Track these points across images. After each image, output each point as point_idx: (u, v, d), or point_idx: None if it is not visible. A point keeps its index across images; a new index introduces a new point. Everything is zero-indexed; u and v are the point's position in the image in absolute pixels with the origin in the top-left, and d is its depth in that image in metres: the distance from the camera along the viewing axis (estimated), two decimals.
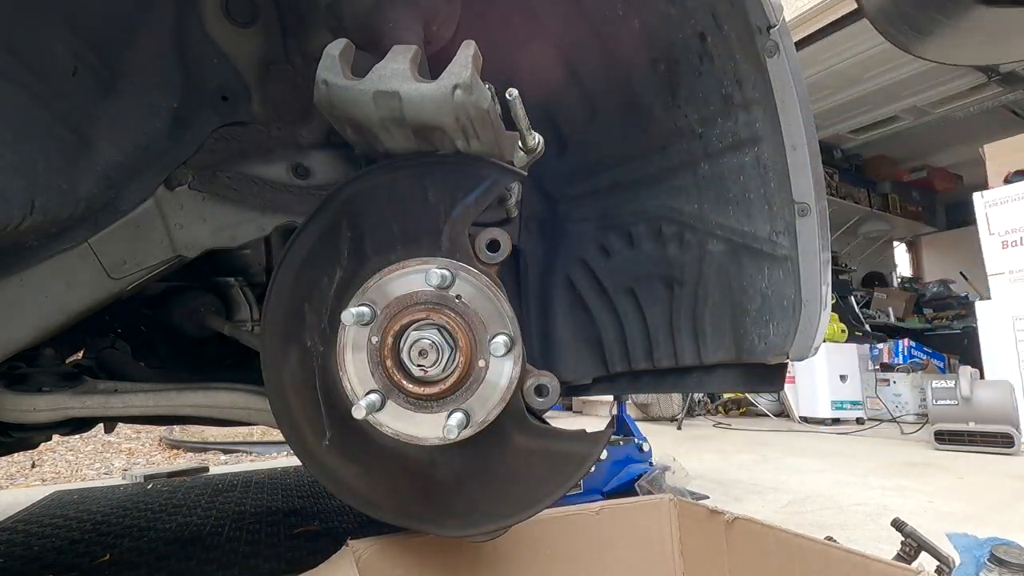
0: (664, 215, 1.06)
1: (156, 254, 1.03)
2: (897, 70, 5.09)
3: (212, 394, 1.14)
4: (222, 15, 0.90)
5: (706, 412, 5.52)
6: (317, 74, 0.78)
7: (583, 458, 0.84)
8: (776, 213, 0.93)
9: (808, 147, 0.89)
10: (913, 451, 3.28)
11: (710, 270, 1.00)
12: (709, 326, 1.01)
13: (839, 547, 0.91)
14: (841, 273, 6.95)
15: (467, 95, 0.75)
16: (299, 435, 0.88)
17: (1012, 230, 3.79)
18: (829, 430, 4.30)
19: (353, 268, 0.85)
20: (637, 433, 2.33)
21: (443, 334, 0.79)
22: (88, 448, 4.35)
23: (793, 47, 0.89)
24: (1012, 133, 4.39)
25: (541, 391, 0.84)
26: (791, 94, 0.87)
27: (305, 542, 1.66)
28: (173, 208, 1.03)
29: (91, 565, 1.52)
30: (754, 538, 1.02)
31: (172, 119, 0.92)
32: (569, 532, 1.12)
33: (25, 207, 0.71)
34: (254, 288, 1.61)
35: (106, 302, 1.03)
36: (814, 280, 0.91)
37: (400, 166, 0.85)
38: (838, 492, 2.30)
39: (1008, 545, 0.94)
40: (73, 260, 0.98)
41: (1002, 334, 3.67)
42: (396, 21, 0.89)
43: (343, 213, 0.86)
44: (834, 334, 4.91)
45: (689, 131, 0.99)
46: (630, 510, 1.17)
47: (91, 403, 1.13)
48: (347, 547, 0.95)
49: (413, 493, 0.87)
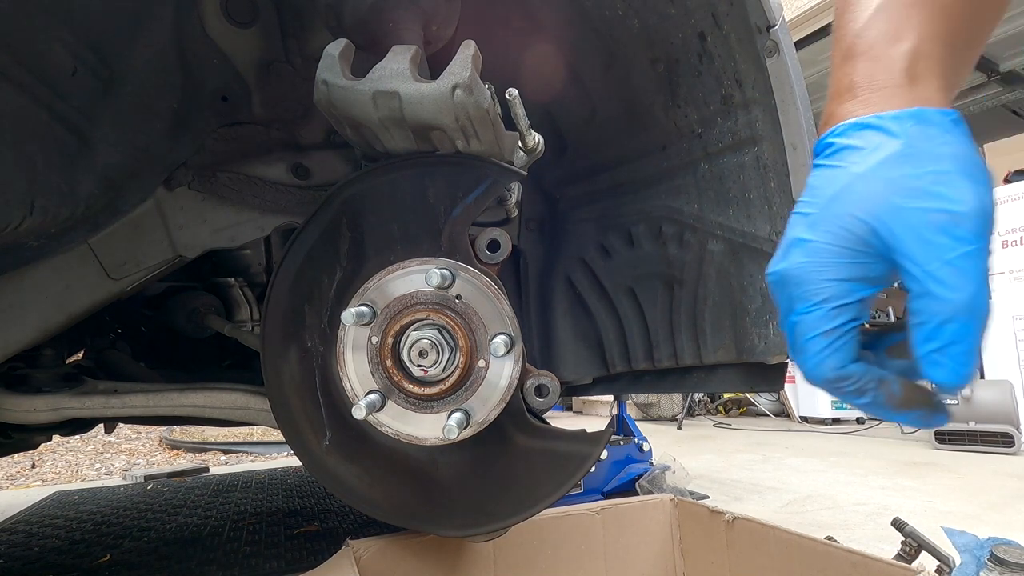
0: (664, 215, 1.06)
1: (156, 254, 1.03)
2: None
3: (212, 394, 1.13)
4: (222, 15, 0.90)
5: (706, 412, 5.51)
6: (317, 74, 0.77)
7: (583, 458, 0.84)
8: (776, 213, 0.93)
9: (808, 147, 0.89)
10: (913, 451, 3.28)
11: (710, 270, 1.00)
12: (709, 326, 1.01)
13: (839, 547, 0.90)
14: None
15: (467, 95, 0.75)
16: (299, 435, 0.88)
17: (1012, 230, 3.79)
18: (829, 430, 4.30)
19: (353, 268, 0.85)
20: (637, 433, 2.33)
21: (443, 334, 0.79)
22: (88, 448, 4.35)
23: (793, 47, 0.89)
24: (1012, 133, 4.39)
25: (541, 391, 0.84)
26: (791, 94, 0.87)
27: (305, 542, 1.66)
28: (173, 209, 1.03)
29: (91, 565, 1.52)
30: (754, 538, 1.02)
31: (172, 119, 0.92)
32: (569, 532, 1.12)
33: (25, 207, 0.71)
34: (254, 288, 1.61)
35: (106, 302, 1.03)
36: None
37: (400, 166, 0.85)
38: (838, 492, 2.30)
39: (1008, 545, 0.94)
40: (73, 261, 0.98)
41: (1002, 334, 3.68)
42: (396, 21, 0.89)
43: (343, 213, 0.86)
44: None
45: (689, 131, 0.99)
46: (630, 510, 1.17)
47: (91, 404, 1.13)
48: (347, 547, 0.95)
49: (413, 493, 0.87)
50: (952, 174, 0.36)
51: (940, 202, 0.36)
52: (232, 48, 0.93)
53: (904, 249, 0.37)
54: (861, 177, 0.37)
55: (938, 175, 0.36)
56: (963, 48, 0.43)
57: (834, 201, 0.38)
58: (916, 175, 0.36)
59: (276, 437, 4.05)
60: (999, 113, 5.84)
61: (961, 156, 0.37)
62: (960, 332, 0.35)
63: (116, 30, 0.79)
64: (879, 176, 0.37)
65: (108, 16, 0.77)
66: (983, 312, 0.36)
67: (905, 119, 0.38)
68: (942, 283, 0.36)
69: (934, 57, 0.40)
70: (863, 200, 0.37)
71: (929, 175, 0.36)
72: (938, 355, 0.36)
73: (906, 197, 0.36)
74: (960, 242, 0.35)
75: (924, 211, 0.36)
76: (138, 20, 0.81)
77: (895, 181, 0.36)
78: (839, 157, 0.39)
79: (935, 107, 0.38)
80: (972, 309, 0.35)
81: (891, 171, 0.37)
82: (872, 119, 0.38)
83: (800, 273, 0.39)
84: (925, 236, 0.36)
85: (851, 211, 0.38)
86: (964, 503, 2.08)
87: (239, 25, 0.91)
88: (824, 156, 0.41)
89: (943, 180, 0.36)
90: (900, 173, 0.36)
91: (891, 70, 0.39)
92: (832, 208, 0.38)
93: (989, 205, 0.37)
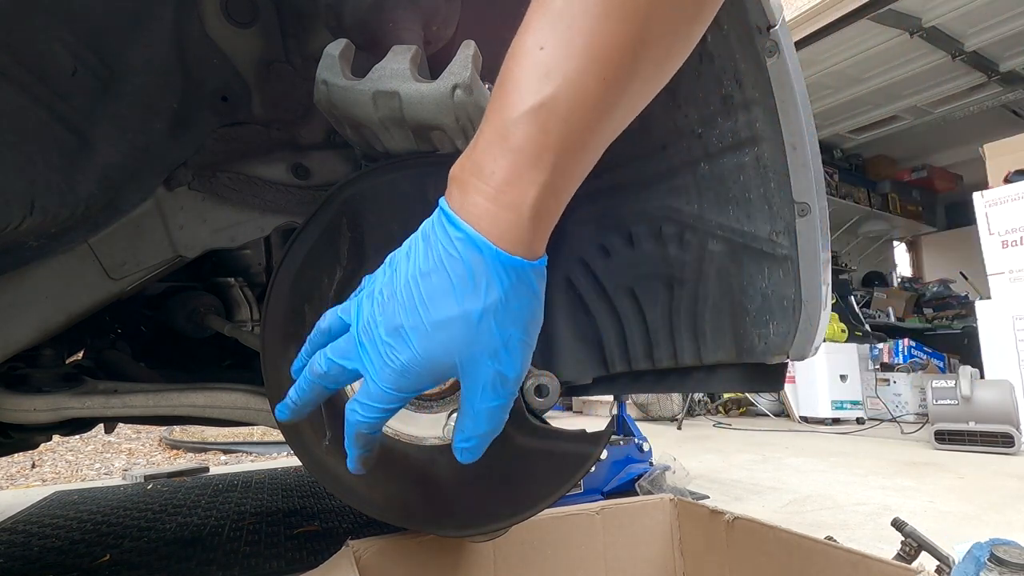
0: (664, 215, 1.06)
1: (156, 254, 1.03)
2: (897, 70, 5.09)
3: (212, 394, 1.13)
4: (222, 15, 0.90)
5: (706, 412, 5.51)
6: (317, 74, 0.77)
7: (583, 458, 0.84)
8: (776, 213, 0.93)
9: (808, 147, 0.89)
10: (913, 451, 3.28)
11: (710, 270, 1.00)
12: (709, 326, 1.00)
13: (839, 547, 0.90)
14: (841, 273, 6.95)
15: (467, 95, 0.75)
16: (299, 435, 0.88)
17: (1012, 230, 3.79)
18: (829, 430, 4.30)
19: (353, 268, 0.85)
20: (637, 433, 2.33)
21: None
22: (88, 448, 4.35)
23: (793, 47, 0.89)
24: (1012, 133, 4.39)
25: (541, 391, 0.84)
26: (791, 94, 0.87)
27: (305, 542, 1.66)
28: (173, 208, 1.03)
29: (91, 565, 1.52)
30: (754, 538, 1.02)
31: (172, 119, 0.92)
32: (569, 532, 1.12)
33: (25, 207, 0.71)
34: (254, 288, 1.61)
35: (106, 302, 1.03)
36: (814, 280, 0.91)
37: (400, 166, 0.85)
38: (838, 492, 2.30)
39: (1008, 545, 0.94)
40: (73, 261, 0.98)
41: (1002, 334, 3.67)
42: (396, 21, 0.89)
43: (343, 213, 0.86)
44: (834, 334, 4.91)
45: (689, 131, 0.99)
46: (630, 510, 1.17)
47: (91, 403, 1.13)
48: (347, 547, 0.95)
49: (413, 493, 0.87)
50: (517, 343, 0.47)
51: (501, 366, 0.47)
52: (232, 48, 0.93)
53: (465, 387, 0.49)
54: (462, 319, 0.45)
55: (508, 342, 0.47)
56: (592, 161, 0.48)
57: (438, 329, 0.46)
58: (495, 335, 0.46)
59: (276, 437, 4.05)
60: (999, 113, 5.84)
61: (532, 320, 0.48)
62: (478, 445, 0.51)
63: (116, 30, 0.79)
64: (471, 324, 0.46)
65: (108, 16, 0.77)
66: (493, 433, 0.51)
67: (511, 271, 0.45)
68: (478, 418, 0.50)
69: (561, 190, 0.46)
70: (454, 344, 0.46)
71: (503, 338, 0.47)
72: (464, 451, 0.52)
73: (481, 354, 0.47)
74: (499, 397, 0.49)
75: (488, 370, 0.47)
76: (138, 20, 0.81)
77: (480, 337, 0.46)
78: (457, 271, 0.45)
79: (536, 258, 0.47)
80: (490, 435, 0.51)
81: (481, 325, 0.46)
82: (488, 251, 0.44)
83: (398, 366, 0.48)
84: (480, 388, 0.48)
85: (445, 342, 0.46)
86: (964, 503, 2.08)
87: (239, 25, 0.91)
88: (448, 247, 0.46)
89: (510, 347, 0.47)
90: (486, 330, 0.46)
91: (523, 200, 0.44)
92: (436, 334, 0.46)
93: (523, 370, 0.50)
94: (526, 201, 0.44)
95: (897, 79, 5.21)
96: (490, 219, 0.44)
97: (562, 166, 0.44)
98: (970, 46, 4.77)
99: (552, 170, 0.44)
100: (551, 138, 0.43)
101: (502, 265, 0.45)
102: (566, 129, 0.43)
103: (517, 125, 0.43)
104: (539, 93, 0.42)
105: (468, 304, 0.45)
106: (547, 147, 0.43)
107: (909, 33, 4.51)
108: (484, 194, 0.44)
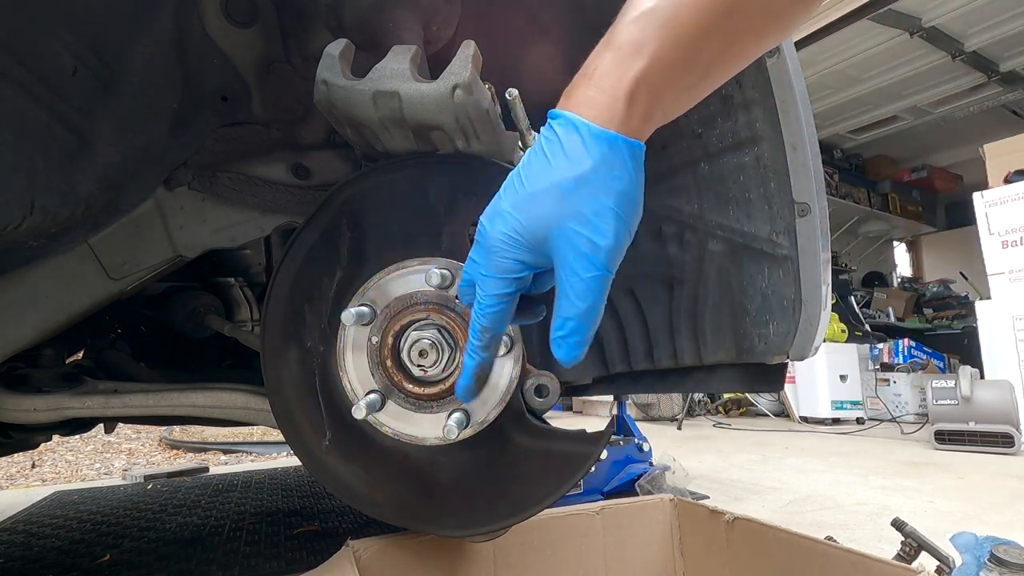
0: (664, 215, 1.06)
1: (156, 254, 1.03)
2: (897, 70, 5.09)
3: (212, 394, 1.13)
4: (222, 15, 0.90)
5: (706, 412, 5.51)
6: (317, 74, 0.77)
7: (583, 458, 0.84)
8: (776, 213, 0.93)
9: (808, 147, 0.89)
10: (913, 451, 3.28)
11: (710, 270, 1.00)
12: (709, 326, 1.00)
13: (839, 547, 0.90)
14: (841, 273, 6.95)
15: (467, 95, 0.75)
16: (299, 435, 0.88)
17: (1012, 230, 3.78)
18: (829, 430, 4.30)
19: (353, 268, 0.85)
20: (637, 433, 2.33)
21: (443, 334, 0.79)
22: (88, 448, 4.35)
23: (793, 47, 0.89)
24: (1012, 133, 4.39)
25: (541, 391, 0.84)
26: (791, 94, 0.87)
27: (305, 542, 1.66)
28: (173, 209, 1.03)
29: (92, 565, 1.52)
30: (754, 538, 1.02)
31: (172, 119, 0.92)
32: (569, 532, 1.12)
33: (25, 207, 0.71)
34: (254, 288, 1.61)
35: (106, 302, 1.03)
36: (814, 280, 0.91)
37: (400, 166, 0.85)
38: (838, 492, 2.30)
39: (1008, 545, 0.94)
40: (73, 261, 0.98)
41: (1002, 334, 3.67)
42: (396, 21, 0.89)
43: (343, 213, 0.86)
44: (834, 334, 4.91)
45: (689, 131, 0.99)
46: (630, 510, 1.17)
47: (91, 403, 1.13)
48: (347, 547, 0.95)
49: (413, 493, 0.87)
50: (608, 211, 0.48)
51: (592, 232, 0.48)
52: (232, 48, 0.93)
53: (558, 260, 0.50)
54: (556, 188, 0.49)
55: (599, 210, 0.48)
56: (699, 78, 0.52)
57: (532, 200, 0.50)
58: (586, 201, 0.48)
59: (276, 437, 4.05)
60: (999, 113, 5.84)
61: (624, 193, 0.49)
62: (575, 328, 0.49)
63: (116, 30, 0.79)
64: (564, 193, 0.48)
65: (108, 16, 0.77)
66: (595, 318, 0.50)
67: (602, 141, 0.48)
68: (573, 292, 0.49)
69: (659, 82, 0.49)
70: (547, 213, 0.49)
71: (594, 206, 0.48)
72: (560, 340, 0.50)
73: (572, 221, 0.48)
74: (593, 267, 0.48)
75: (579, 236, 0.48)
76: (138, 20, 0.81)
77: (572, 204, 0.48)
78: (554, 149, 0.50)
79: (632, 135, 0.49)
80: (587, 316, 0.49)
81: (573, 194, 0.48)
82: (583, 126, 0.49)
83: (496, 243, 0.51)
84: (572, 256, 0.49)
85: (539, 213, 0.49)
86: (964, 503, 2.08)
87: (239, 25, 0.91)
88: (548, 133, 0.51)
89: (601, 214, 0.48)
90: (578, 197, 0.48)
91: (620, 84, 0.48)
92: (530, 205, 0.50)
93: (624, 241, 0.50)
94: (621, 85, 0.48)
95: (897, 79, 5.21)
96: (587, 102, 0.49)
97: (658, 61, 0.48)
98: (970, 46, 4.78)
99: (649, 61, 0.48)
100: (649, 35, 0.48)
101: (593, 137, 0.48)
102: (664, 32, 0.48)
103: (622, 29, 0.49)
104: (644, 4, 0.49)
105: (561, 174, 0.48)
106: (645, 43, 0.48)
107: (909, 33, 4.51)
108: (585, 86, 0.50)
